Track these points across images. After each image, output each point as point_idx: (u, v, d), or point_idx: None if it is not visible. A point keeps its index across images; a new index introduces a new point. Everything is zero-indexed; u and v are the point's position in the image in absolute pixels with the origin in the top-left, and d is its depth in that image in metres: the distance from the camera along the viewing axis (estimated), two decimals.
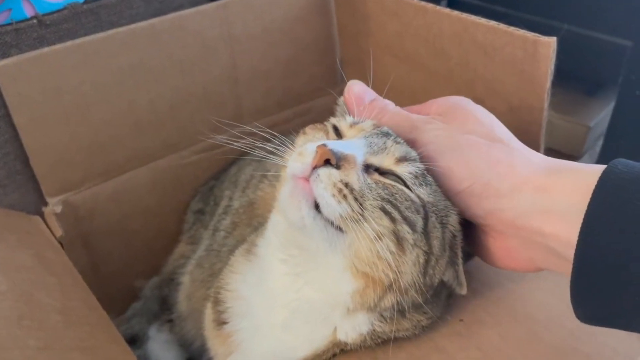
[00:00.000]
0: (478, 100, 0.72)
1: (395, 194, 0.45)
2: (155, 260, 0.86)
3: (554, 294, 0.54)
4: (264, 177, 0.72)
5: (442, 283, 0.50)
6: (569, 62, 0.65)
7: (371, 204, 0.44)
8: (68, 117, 0.70)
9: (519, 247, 0.48)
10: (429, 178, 0.48)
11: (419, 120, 0.53)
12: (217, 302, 0.57)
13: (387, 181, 0.46)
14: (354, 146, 0.46)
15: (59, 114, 0.69)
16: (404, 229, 0.45)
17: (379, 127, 0.51)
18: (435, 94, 0.78)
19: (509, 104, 0.66)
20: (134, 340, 0.76)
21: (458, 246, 0.49)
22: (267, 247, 0.54)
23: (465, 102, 0.54)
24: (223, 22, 0.79)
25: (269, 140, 0.83)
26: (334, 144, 0.45)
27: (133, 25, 0.70)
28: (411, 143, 0.51)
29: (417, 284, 0.46)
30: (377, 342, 0.50)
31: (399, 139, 0.50)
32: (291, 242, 0.49)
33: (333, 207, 0.43)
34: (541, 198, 0.44)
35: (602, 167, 0.41)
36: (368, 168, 0.46)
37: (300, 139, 0.52)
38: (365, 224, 0.43)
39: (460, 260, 0.49)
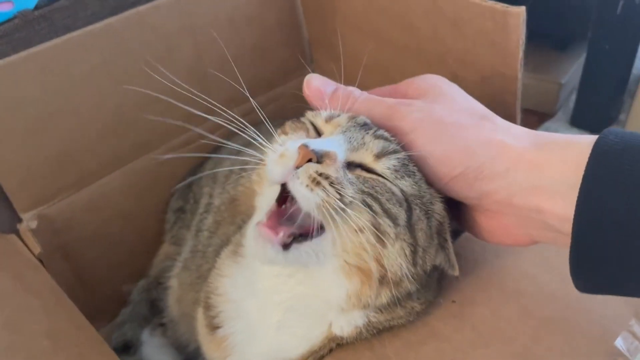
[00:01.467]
0: (451, 74, 0.71)
1: (376, 186, 0.45)
2: (139, 263, 0.84)
3: (542, 266, 0.55)
4: (243, 171, 0.71)
5: (434, 267, 0.50)
6: (537, 19, 0.64)
7: (352, 196, 0.43)
8: (32, 129, 0.67)
9: (515, 224, 0.48)
10: (412, 167, 0.47)
11: (396, 103, 0.50)
12: (207, 307, 0.56)
13: (368, 175, 0.45)
14: (335, 143, 0.45)
15: (23, 127, 0.67)
16: (385, 222, 0.44)
17: (355, 118, 0.49)
18: (407, 70, 0.78)
19: (482, 76, 0.66)
20: (128, 347, 0.75)
21: (446, 231, 0.49)
22: (249, 229, 0.52)
23: (442, 81, 0.53)
24: (183, 13, 0.76)
25: (242, 131, 0.82)
26: (315, 143, 0.44)
27: (90, 27, 0.67)
28: (392, 130, 0.49)
29: (408, 275, 0.45)
30: (373, 332, 0.50)
31: (379, 132, 0.48)
32: None
33: (307, 197, 0.42)
34: (535, 175, 0.44)
35: (593, 138, 0.41)
36: (349, 165, 0.46)
37: (279, 138, 0.51)
38: (345, 215, 0.42)
39: (450, 244, 0.49)
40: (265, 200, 0.48)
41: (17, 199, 0.69)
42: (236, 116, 0.57)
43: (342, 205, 0.42)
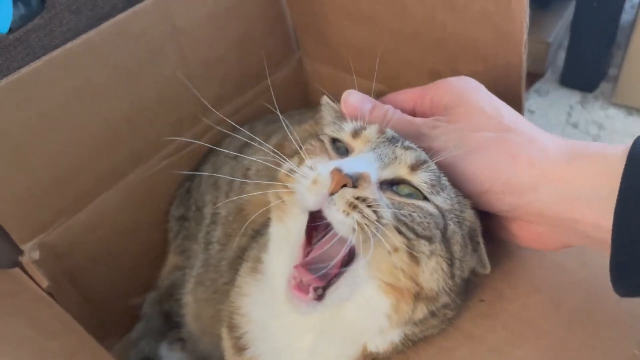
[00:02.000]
0: (450, 60, 0.69)
1: (413, 213, 0.43)
2: (145, 275, 0.83)
3: (567, 255, 0.54)
4: (246, 178, 0.69)
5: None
6: None
7: (388, 218, 0.42)
8: (21, 157, 0.64)
9: (550, 232, 0.48)
10: (444, 180, 0.47)
11: (424, 125, 0.51)
12: (232, 327, 0.55)
13: (404, 200, 0.44)
14: (366, 163, 0.44)
15: (11, 156, 0.63)
16: (420, 243, 0.43)
17: (383, 132, 0.48)
18: (402, 55, 0.75)
19: (484, 62, 0.64)
20: None
21: (478, 234, 0.49)
22: (275, 263, 0.51)
23: (466, 89, 0.52)
24: (164, 16, 0.72)
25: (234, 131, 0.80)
26: (348, 165, 0.42)
27: (69, 45, 0.63)
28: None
29: (446, 288, 0.45)
30: (408, 345, 0.49)
31: (406, 143, 0.47)
32: None
33: (344, 222, 0.40)
34: (567, 187, 0.43)
35: (624, 148, 0.41)
36: (382, 185, 0.44)
37: (307, 161, 0.48)
38: (380, 234, 0.41)
39: (482, 247, 0.49)
40: (292, 232, 0.46)
41: (15, 230, 0.66)
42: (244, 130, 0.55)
43: (379, 225, 0.41)
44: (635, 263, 0.40)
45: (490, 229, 0.52)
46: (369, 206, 0.41)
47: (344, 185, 0.41)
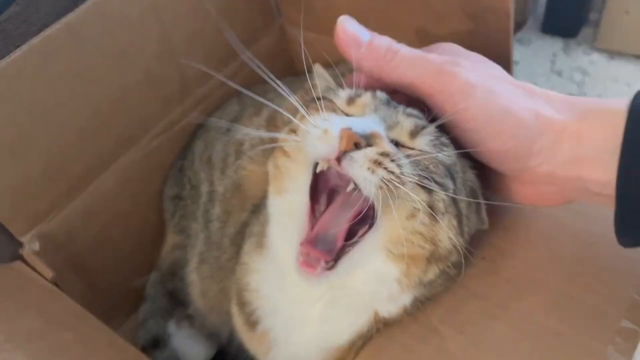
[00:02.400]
0: (439, 18, 0.68)
1: (429, 165, 0.44)
2: (146, 256, 0.83)
3: (562, 208, 0.55)
4: (240, 154, 0.69)
5: None
6: None
7: (410, 175, 0.42)
8: (10, 151, 0.63)
9: (553, 191, 0.48)
10: (444, 140, 0.47)
11: (444, 61, 0.45)
12: (242, 304, 0.56)
13: (414, 153, 0.44)
14: (374, 123, 0.44)
15: (0, 150, 0.62)
16: (439, 197, 0.43)
17: (377, 96, 0.47)
18: (389, 17, 0.74)
19: (470, 14, 0.63)
20: (157, 343, 0.75)
21: (479, 195, 0.50)
22: (279, 239, 0.51)
23: (464, 51, 0.51)
24: None
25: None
26: (357, 124, 0.42)
27: (48, 31, 0.61)
28: (438, 96, 0.45)
29: (457, 245, 0.45)
30: (418, 306, 0.50)
31: (408, 110, 0.47)
32: None
33: (369, 179, 0.40)
34: (577, 146, 0.44)
35: (627, 102, 0.42)
36: (391, 142, 0.44)
37: (321, 113, 0.46)
38: (404, 194, 0.41)
39: (482, 206, 0.50)
40: (293, 205, 0.46)
41: (12, 223, 0.66)
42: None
43: (404, 179, 0.41)
44: (638, 216, 0.42)
45: (489, 187, 0.53)
46: (392, 161, 0.41)
47: (356, 145, 0.40)
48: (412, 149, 0.45)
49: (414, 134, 0.45)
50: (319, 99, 0.48)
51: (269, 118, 0.70)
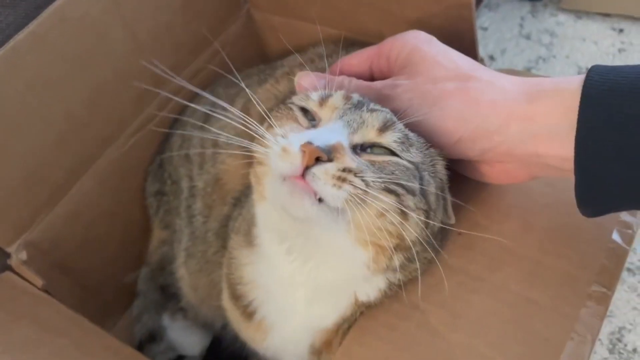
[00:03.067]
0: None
1: (394, 171, 0.45)
2: (136, 252, 0.84)
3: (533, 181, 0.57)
4: (217, 147, 0.70)
5: None
6: None
7: (374, 184, 0.43)
8: None
9: (517, 168, 0.51)
10: (412, 136, 0.49)
11: (385, 87, 0.52)
12: (236, 298, 0.58)
13: (380, 158, 0.46)
14: (336, 132, 0.45)
15: None
16: (407, 199, 0.45)
17: (349, 98, 0.49)
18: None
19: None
20: (153, 336, 0.77)
21: (446, 188, 0.51)
22: (266, 240, 0.53)
23: (418, 44, 0.53)
24: None
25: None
26: (317, 137, 0.43)
27: (12, 42, 0.60)
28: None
29: (420, 238, 0.47)
30: (396, 289, 0.52)
31: (372, 106, 0.49)
32: (291, 232, 0.49)
33: (336, 195, 0.42)
34: (530, 126, 0.46)
35: (578, 80, 0.44)
36: (355, 149, 0.46)
37: (277, 129, 0.48)
38: (369, 201, 0.43)
39: (448, 200, 0.52)
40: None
41: None
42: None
43: (370, 191, 0.42)
44: (597, 188, 0.44)
45: (461, 171, 0.54)
46: (357, 176, 0.42)
47: (318, 159, 0.42)
48: (380, 144, 0.46)
49: (382, 129, 0.47)
50: (285, 104, 0.51)
51: (243, 109, 0.70)
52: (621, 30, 1.05)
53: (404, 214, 0.45)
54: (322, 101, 0.49)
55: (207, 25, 0.85)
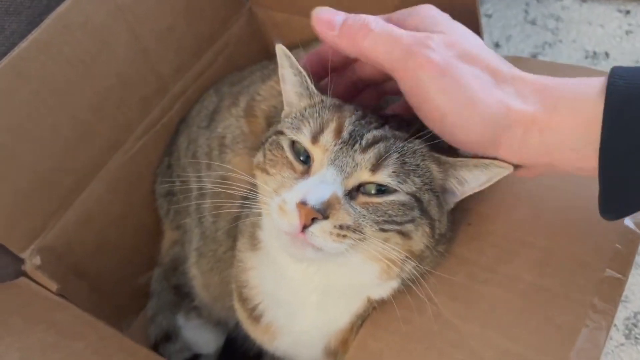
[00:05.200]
0: None
1: (388, 210, 0.45)
2: (148, 253, 0.85)
3: None
4: (224, 147, 0.70)
5: None
6: None
7: (370, 228, 0.45)
8: None
9: (527, 171, 0.49)
10: (408, 159, 0.47)
11: (416, 41, 0.44)
12: (243, 301, 0.58)
13: (375, 200, 0.46)
14: (329, 181, 0.45)
15: None
16: (406, 227, 0.46)
17: (340, 133, 0.47)
18: None
19: None
20: (169, 336, 0.78)
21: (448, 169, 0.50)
22: (274, 247, 0.53)
23: (441, 19, 0.48)
24: None
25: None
26: (311, 193, 0.43)
27: (17, 50, 0.61)
28: (405, 79, 0.45)
29: (429, 245, 0.49)
30: (408, 284, 0.52)
31: (364, 141, 0.46)
32: None
33: (337, 248, 0.44)
34: (547, 137, 0.44)
35: (600, 87, 0.41)
36: (351, 193, 0.46)
37: (262, 176, 0.50)
38: (370, 241, 0.45)
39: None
40: None
41: (10, 241, 0.67)
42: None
43: (365, 238, 0.45)
44: (622, 196, 0.43)
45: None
46: (355, 231, 0.44)
47: (314, 218, 0.43)
48: (374, 183, 0.46)
49: (375, 168, 0.45)
50: (279, 133, 0.50)
51: (247, 108, 0.71)
52: (628, 12, 1.04)
53: (407, 236, 0.47)
54: (314, 139, 0.47)
55: (209, 25, 0.85)
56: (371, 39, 0.46)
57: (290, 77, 0.53)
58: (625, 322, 0.75)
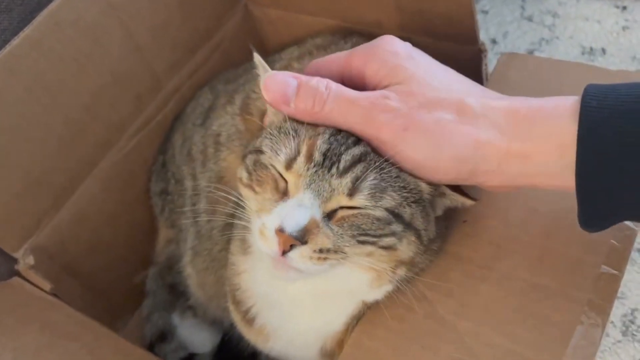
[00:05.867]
0: None
1: (361, 225, 0.45)
2: (143, 252, 0.85)
3: None
4: (219, 145, 0.70)
5: None
6: None
7: (348, 244, 0.45)
8: None
9: (512, 189, 0.50)
10: (386, 176, 0.46)
11: (372, 105, 0.45)
12: (236, 303, 0.58)
13: (349, 212, 0.45)
14: (307, 205, 0.44)
15: None
16: (386, 240, 0.46)
17: (311, 157, 0.46)
18: None
19: None
20: (164, 336, 0.78)
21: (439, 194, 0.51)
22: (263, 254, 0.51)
23: (403, 61, 0.47)
24: None
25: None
26: (289, 219, 0.43)
27: (8, 48, 0.61)
28: (369, 140, 0.46)
29: (419, 252, 0.49)
30: (404, 285, 0.52)
31: (341, 165, 0.45)
32: None
33: (317, 269, 0.45)
34: (525, 165, 0.44)
35: (573, 108, 0.42)
36: (329, 215, 0.45)
37: (246, 192, 0.50)
38: (351, 257, 0.46)
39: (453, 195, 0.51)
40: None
41: (3, 241, 0.67)
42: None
43: (347, 256, 0.45)
44: (602, 213, 0.44)
45: None
46: (335, 252, 0.45)
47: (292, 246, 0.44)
48: (352, 207, 0.46)
49: (351, 193, 0.45)
50: (259, 151, 0.49)
51: (242, 105, 0.71)
52: (624, 8, 1.04)
53: (390, 248, 0.47)
54: (288, 166, 0.46)
55: (204, 21, 0.85)
56: (327, 109, 0.46)
57: None
58: (622, 318, 0.75)
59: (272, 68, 0.76)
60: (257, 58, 0.51)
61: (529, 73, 0.67)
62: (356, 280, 0.50)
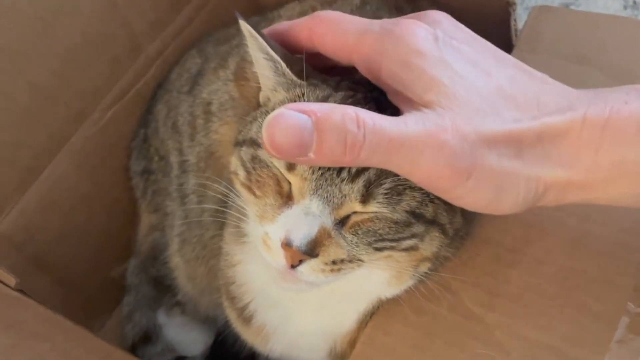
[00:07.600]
0: None
1: (378, 230, 0.45)
2: (121, 241, 0.86)
3: None
4: (209, 115, 0.70)
5: None
6: None
7: (365, 252, 0.45)
8: None
9: None
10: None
11: (424, 144, 0.39)
12: (231, 299, 0.59)
13: (364, 218, 0.45)
14: (316, 213, 0.43)
15: None
16: (406, 243, 0.46)
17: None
18: None
19: None
20: (149, 337, 0.79)
21: None
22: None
23: (432, 60, 0.41)
24: None
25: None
26: (296, 231, 0.43)
27: None
28: (416, 181, 0.42)
29: (445, 244, 0.49)
30: (427, 276, 0.52)
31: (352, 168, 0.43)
32: None
33: (330, 280, 0.45)
34: (587, 193, 0.44)
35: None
36: (342, 222, 0.45)
37: (245, 192, 0.49)
38: (370, 263, 0.46)
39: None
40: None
41: None
42: None
43: (363, 263, 0.46)
44: None
45: None
46: (350, 261, 0.45)
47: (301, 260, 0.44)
48: (366, 212, 0.45)
49: (364, 200, 0.44)
50: (256, 144, 0.48)
51: (237, 69, 0.71)
52: None
53: (411, 249, 0.47)
54: (290, 166, 0.44)
55: None
56: (364, 156, 0.38)
57: (261, 61, 0.49)
58: None
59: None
60: (244, 26, 0.48)
61: (564, 29, 0.67)
62: (373, 279, 0.50)
